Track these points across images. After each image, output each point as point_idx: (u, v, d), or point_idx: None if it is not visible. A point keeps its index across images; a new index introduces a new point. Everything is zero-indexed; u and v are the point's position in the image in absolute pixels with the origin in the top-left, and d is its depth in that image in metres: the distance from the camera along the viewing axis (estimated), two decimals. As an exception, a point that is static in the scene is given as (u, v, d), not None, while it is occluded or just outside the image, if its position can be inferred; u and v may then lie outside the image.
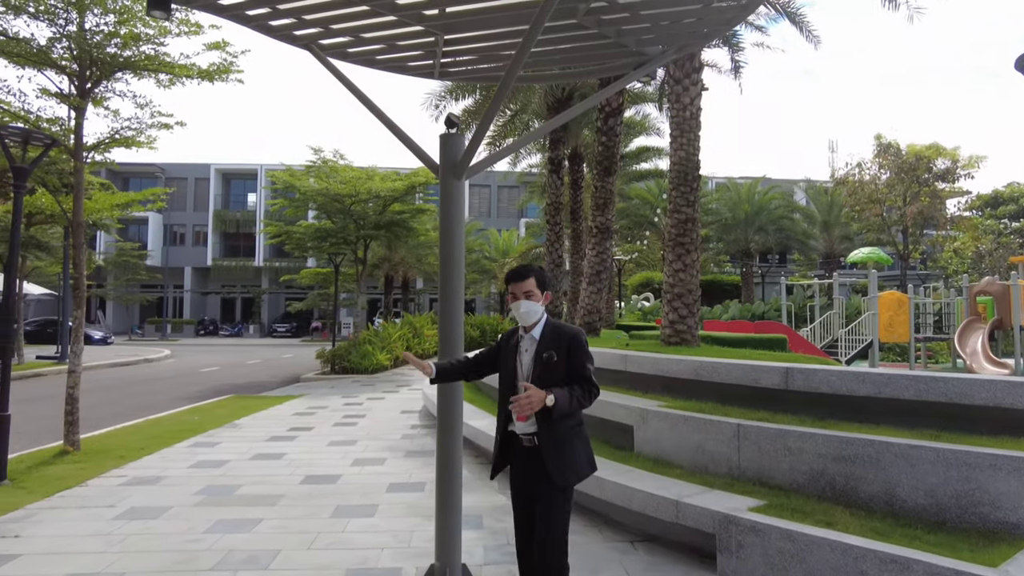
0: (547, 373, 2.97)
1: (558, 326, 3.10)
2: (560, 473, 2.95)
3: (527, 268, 3.16)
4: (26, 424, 10.16)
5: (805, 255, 39.29)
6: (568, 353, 2.99)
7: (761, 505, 4.30)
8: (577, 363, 2.99)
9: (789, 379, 5.24)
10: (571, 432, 3.02)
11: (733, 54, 10.58)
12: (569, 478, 2.98)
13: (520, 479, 3.10)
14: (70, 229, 11.62)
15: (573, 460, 3.00)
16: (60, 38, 8.00)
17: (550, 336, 3.06)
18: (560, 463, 2.95)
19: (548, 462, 2.95)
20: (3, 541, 4.84)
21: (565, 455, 2.97)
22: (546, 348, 3.01)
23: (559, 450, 2.96)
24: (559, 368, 2.97)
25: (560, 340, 3.02)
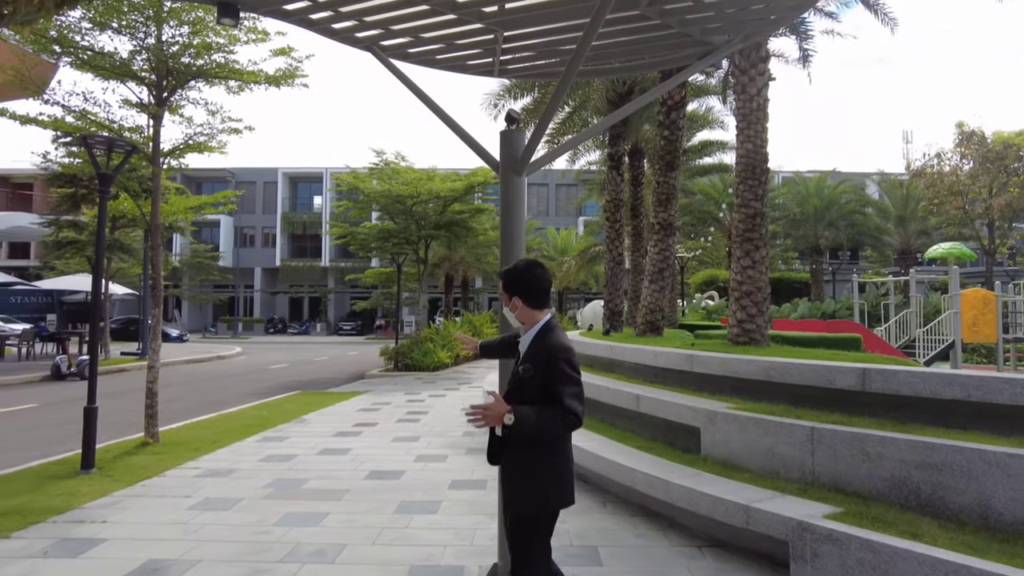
0: (520, 389, 2.69)
1: (543, 339, 2.71)
2: (511, 498, 2.70)
3: (506, 268, 2.86)
4: (112, 416, 10.73)
5: (878, 251, 37.50)
6: (545, 371, 2.61)
7: (838, 512, 4.08)
8: (552, 385, 2.59)
9: (867, 380, 4.97)
10: (536, 459, 2.67)
11: (801, 42, 10.15)
12: (519, 507, 2.69)
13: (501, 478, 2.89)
14: (149, 232, 12.22)
15: (530, 490, 2.68)
16: (140, 51, 8.41)
17: (533, 349, 2.71)
18: (512, 488, 2.70)
19: (502, 484, 2.76)
20: (93, 526, 5.11)
21: (521, 482, 2.69)
22: (525, 361, 2.71)
23: (515, 475, 2.71)
24: (533, 386, 2.63)
25: (539, 355, 2.66)
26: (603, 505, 5.65)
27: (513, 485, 2.73)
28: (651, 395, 6.38)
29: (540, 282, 2.82)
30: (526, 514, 2.73)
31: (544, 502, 2.72)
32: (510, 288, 2.82)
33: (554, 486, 2.71)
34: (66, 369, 16.62)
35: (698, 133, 22.32)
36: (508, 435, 2.66)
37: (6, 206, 46.33)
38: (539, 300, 2.81)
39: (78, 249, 22.91)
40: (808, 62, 10.21)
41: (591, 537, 4.83)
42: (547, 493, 2.71)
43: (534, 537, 2.76)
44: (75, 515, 5.37)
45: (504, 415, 2.50)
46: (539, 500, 2.71)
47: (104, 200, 7.57)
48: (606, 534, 4.92)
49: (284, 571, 4.22)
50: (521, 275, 2.83)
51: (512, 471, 2.74)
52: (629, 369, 7.94)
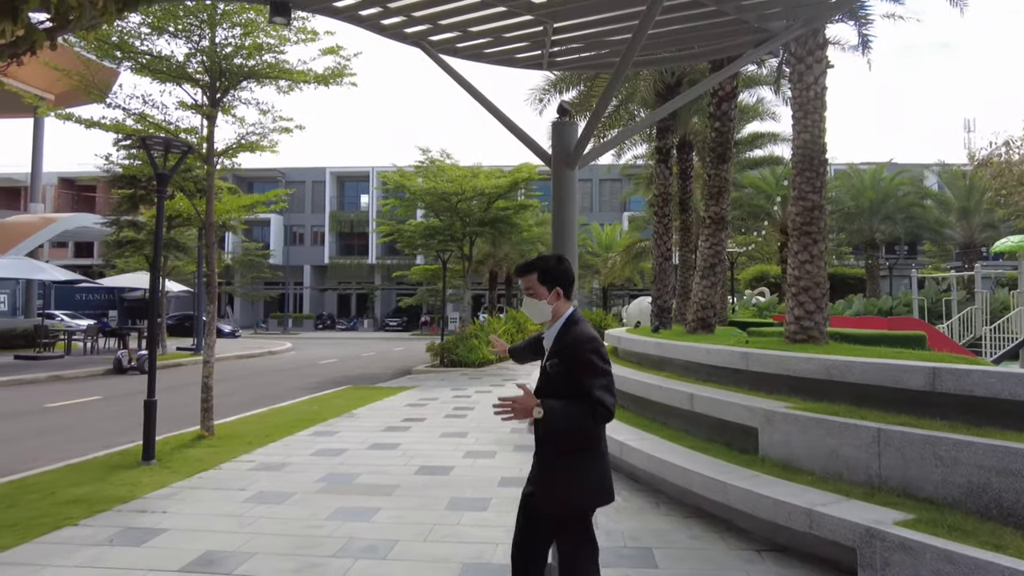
0: (550, 385, 2.65)
1: (568, 331, 2.67)
2: (545, 497, 2.62)
3: (533, 261, 2.80)
4: (169, 409, 11.07)
5: (939, 245, 35.94)
6: (573, 364, 2.56)
7: (909, 519, 3.87)
8: (581, 377, 2.52)
9: (937, 380, 4.71)
10: (573, 453, 2.61)
11: (860, 28, 9.73)
12: (554, 506, 2.61)
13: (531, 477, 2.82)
14: (204, 230, 12.56)
15: (566, 487, 2.59)
16: (194, 53, 8.62)
17: (559, 343, 2.67)
18: (547, 486, 2.63)
19: (537, 481, 2.67)
20: (154, 516, 5.26)
21: (556, 480, 2.60)
22: (552, 356, 2.66)
23: (550, 472, 2.63)
24: (563, 381, 2.59)
25: (566, 349, 2.61)
26: (656, 506, 5.52)
27: (547, 483, 2.66)
28: (706, 394, 6.21)
29: (572, 274, 2.88)
30: (556, 513, 2.66)
31: (595, 496, 2.65)
32: (549, 279, 2.77)
33: (594, 483, 2.64)
34: (127, 363, 17.26)
35: (747, 125, 21.76)
36: (540, 433, 2.61)
37: (72, 207, 48.51)
38: (570, 292, 2.85)
39: (137, 248, 23.80)
40: (868, 49, 9.78)
41: (645, 538, 4.72)
42: (595, 489, 2.64)
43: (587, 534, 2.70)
44: (137, 505, 5.53)
45: (533, 408, 2.44)
46: (581, 496, 2.63)
47: (162, 199, 7.79)
48: (660, 535, 4.80)
49: (337, 566, 4.24)
50: (557, 267, 2.82)
51: (543, 467, 2.67)
52: (680, 367, 7.76)
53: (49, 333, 21.69)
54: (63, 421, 10.25)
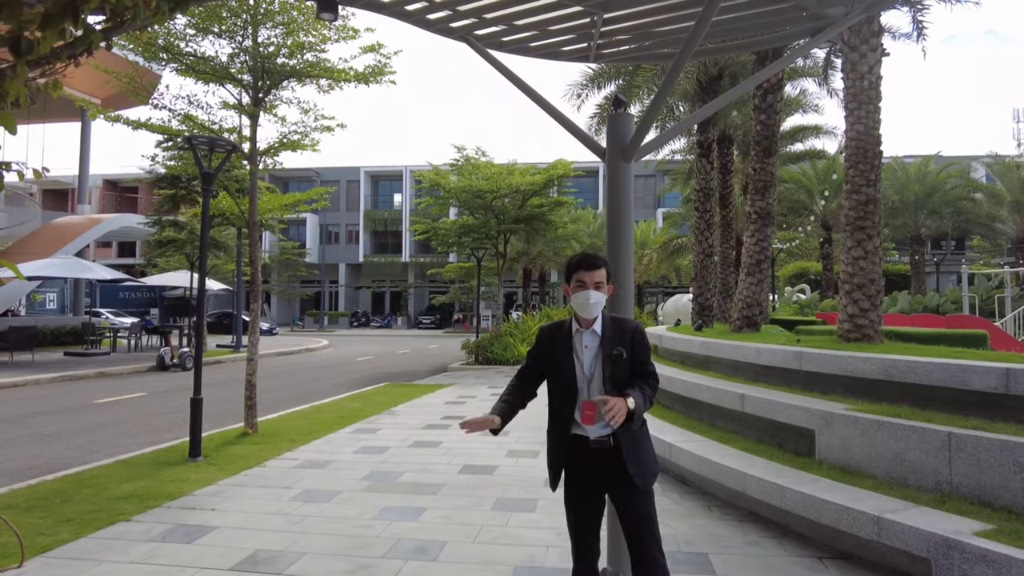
0: (617, 371, 2.80)
1: (617, 319, 2.94)
2: (641, 476, 2.82)
3: (599, 257, 2.93)
4: (212, 405, 11.22)
5: (990, 240, 34.62)
6: (632, 348, 2.83)
7: (989, 530, 3.66)
8: (641, 358, 2.84)
9: (1010, 382, 4.47)
10: (643, 433, 2.90)
11: (915, 13, 9.36)
12: (648, 479, 2.86)
13: (590, 482, 2.89)
14: (245, 229, 12.71)
15: (649, 461, 2.88)
16: (237, 53, 8.70)
17: (612, 331, 2.86)
18: (640, 467, 2.83)
19: (631, 467, 2.78)
20: (203, 512, 5.29)
21: (643, 457, 2.86)
22: (612, 345, 2.81)
23: (637, 454, 2.83)
24: (625, 365, 2.81)
25: (624, 335, 2.85)
26: (708, 509, 5.37)
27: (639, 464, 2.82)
28: (758, 395, 6.02)
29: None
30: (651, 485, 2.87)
31: (656, 463, 2.95)
32: (610, 277, 2.96)
33: (654, 452, 2.96)
34: (169, 360, 17.63)
35: (789, 118, 21.24)
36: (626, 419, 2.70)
37: (115, 208, 49.87)
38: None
39: (178, 247, 24.28)
40: (922, 36, 9.40)
41: (700, 543, 4.58)
42: (655, 457, 2.95)
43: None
44: (186, 501, 5.58)
45: (627, 404, 2.60)
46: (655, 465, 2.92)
47: (207, 197, 7.88)
48: (716, 540, 4.65)
49: (388, 567, 4.20)
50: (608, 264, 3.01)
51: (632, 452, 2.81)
52: (727, 367, 7.57)
53: (96, 331, 22.30)
54: (112, 417, 10.48)
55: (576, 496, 2.94)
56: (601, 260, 2.90)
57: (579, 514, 2.94)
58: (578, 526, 2.95)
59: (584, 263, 2.86)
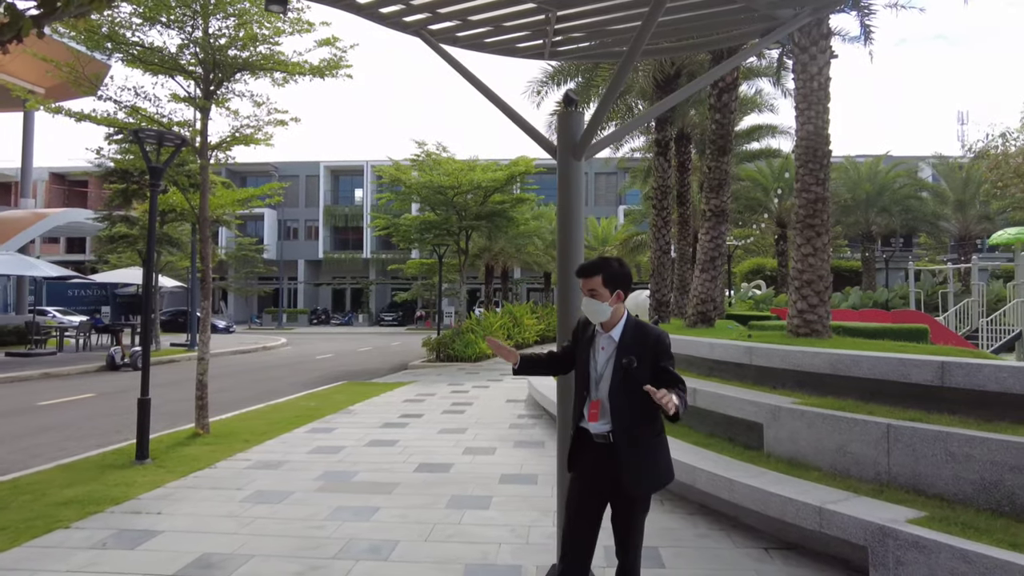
0: (629, 380, 2.76)
1: (641, 328, 2.87)
2: (636, 481, 2.77)
3: (595, 264, 2.90)
4: (163, 406, 10.95)
5: (935, 238, 35.99)
6: (654, 358, 2.77)
7: (922, 517, 3.80)
8: (663, 366, 2.77)
9: (946, 375, 4.64)
10: (653, 439, 2.84)
11: (863, 18, 9.63)
12: (644, 487, 2.82)
13: (591, 478, 2.89)
14: (197, 225, 12.40)
15: (652, 469, 2.82)
16: (187, 44, 8.45)
17: (631, 339, 2.82)
18: (637, 471, 2.77)
19: (625, 468, 2.76)
20: (149, 517, 5.15)
21: (644, 462, 2.79)
22: (626, 353, 2.79)
23: (638, 456, 2.79)
24: (640, 374, 2.74)
25: (644, 345, 2.79)
26: (660, 503, 5.44)
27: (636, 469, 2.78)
28: (709, 389, 6.14)
29: (630, 276, 3.01)
30: (646, 494, 2.86)
31: (668, 474, 2.89)
32: (613, 283, 2.87)
33: (667, 462, 2.89)
34: (120, 360, 17.09)
35: (746, 117, 21.66)
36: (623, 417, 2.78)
37: (63, 203, 48.11)
38: (628, 292, 2.97)
39: (130, 243, 23.55)
40: (870, 40, 9.67)
41: (651, 537, 4.60)
42: (668, 468, 2.89)
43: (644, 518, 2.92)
44: (132, 506, 5.42)
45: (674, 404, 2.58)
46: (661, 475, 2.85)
47: (155, 193, 7.65)
48: (667, 534, 4.73)
49: (339, 568, 4.15)
50: (620, 270, 2.93)
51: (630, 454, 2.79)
52: (682, 361, 7.68)
53: (41, 330, 21.47)
54: (56, 419, 10.11)
55: (576, 492, 2.94)
56: (594, 267, 2.89)
57: (575, 511, 2.91)
58: (571, 524, 2.91)
59: (580, 271, 2.94)
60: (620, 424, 2.78)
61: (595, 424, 2.84)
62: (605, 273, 2.86)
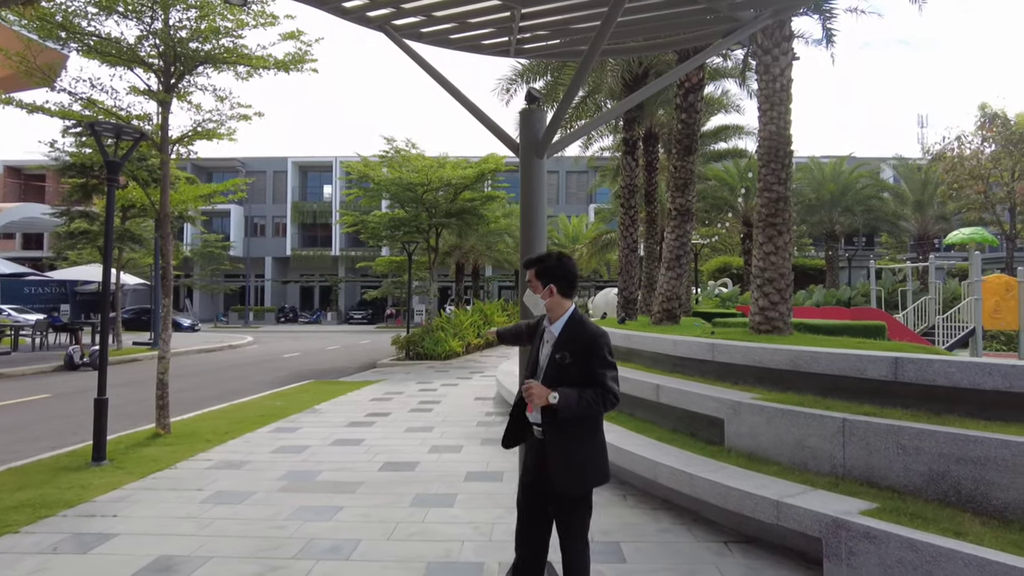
0: (559, 375, 2.80)
1: (579, 327, 2.87)
2: (562, 479, 2.78)
3: (535, 257, 2.97)
4: (124, 407, 10.70)
5: (895, 237, 36.97)
6: (585, 358, 2.78)
7: (873, 508, 3.90)
8: (594, 370, 2.76)
9: (899, 370, 4.77)
10: (581, 438, 2.82)
11: (825, 21, 9.83)
12: (571, 487, 2.81)
13: (531, 465, 2.96)
14: (159, 221, 12.12)
15: (580, 468, 2.80)
16: (147, 36, 8.25)
17: (568, 336, 2.86)
18: (563, 470, 2.78)
19: (552, 466, 2.78)
20: (104, 520, 5.02)
21: (572, 462, 2.78)
22: (561, 348, 2.83)
23: (565, 456, 2.79)
24: (573, 371, 2.78)
25: (578, 342, 2.81)
26: (624, 498, 5.50)
27: (563, 467, 2.79)
28: (672, 385, 6.21)
29: (572, 272, 2.97)
30: (572, 493, 2.83)
31: (601, 476, 2.88)
32: (545, 277, 2.91)
33: (600, 463, 2.87)
34: (79, 359, 16.64)
35: (713, 117, 21.96)
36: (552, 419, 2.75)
37: (19, 197, 46.61)
38: (570, 289, 2.95)
39: (90, 239, 22.91)
40: (831, 42, 9.88)
41: (614, 532, 4.68)
42: (600, 469, 2.87)
43: (588, 516, 2.91)
44: (86, 509, 5.28)
45: (548, 395, 2.64)
46: (590, 476, 2.84)
47: (112, 189, 7.45)
48: (629, 529, 4.77)
49: (299, 568, 4.10)
50: (556, 265, 2.93)
51: (558, 452, 2.80)
52: (647, 358, 7.77)
53: (-5, 328, 20.78)
54: (8, 421, 9.80)
55: (522, 485, 3.00)
56: (532, 260, 2.97)
57: (523, 505, 2.98)
58: (521, 518, 2.98)
59: (523, 264, 3.04)
60: (549, 418, 2.79)
61: (531, 415, 2.87)
62: (539, 267, 2.93)
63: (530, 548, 2.98)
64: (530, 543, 2.97)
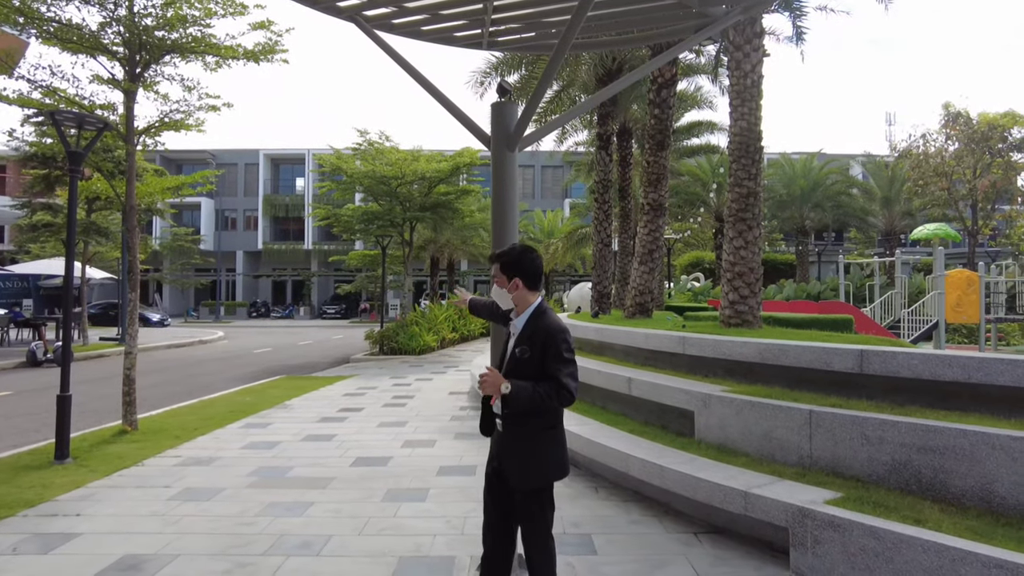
0: (517, 369, 2.81)
1: (539, 322, 2.85)
2: (517, 473, 2.80)
3: (502, 251, 2.98)
4: (91, 403, 10.48)
5: (863, 233, 37.72)
6: (542, 353, 2.77)
7: (838, 498, 3.99)
8: (549, 364, 2.74)
9: (864, 362, 4.86)
10: (538, 432, 2.82)
11: (795, 19, 9.96)
12: (528, 481, 2.81)
13: (494, 454, 2.99)
14: (125, 213, 11.83)
15: (536, 462, 2.81)
16: (110, 23, 8.03)
17: (528, 331, 2.86)
18: (518, 463, 2.81)
19: (508, 460, 2.81)
20: (66, 519, 4.90)
21: (527, 456, 2.80)
22: (521, 343, 2.84)
23: (520, 449, 2.81)
24: (531, 366, 2.78)
25: (535, 338, 2.81)
26: (595, 491, 5.54)
27: (518, 460, 2.82)
28: (643, 378, 6.26)
29: (536, 265, 2.97)
30: (529, 487, 2.83)
31: (558, 470, 2.87)
32: (509, 270, 2.91)
33: (557, 457, 2.87)
34: (42, 355, 16.23)
35: (686, 113, 22.14)
36: (507, 410, 2.76)
37: (-22, 188, 45.18)
38: (535, 283, 2.96)
39: (53, 232, 22.35)
40: (802, 40, 10.02)
41: (586, 524, 4.71)
42: (557, 463, 2.86)
43: (550, 510, 2.90)
44: (47, 508, 5.16)
45: (501, 384, 2.63)
46: (546, 469, 2.84)
47: (75, 179, 7.26)
48: (600, 521, 4.80)
49: (268, 564, 4.05)
50: (520, 258, 2.94)
51: (513, 445, 2.83)
52: (620, 352, 7.82)
53: (-47, 324, 20.17)
54: (-32, 418, 9.52)
55: (487, 474, 3.01)
56: (498, 254, 2.99)
57: (488, 499, 2.99)
58: (486, 507, 3.00)
59: (490, 258, 3.05)
60: (507, 411, 2.80)
61: (495, 406, 2.87)
62: (503, 260, 2.94)
63: (496, 538, 2.99)
64: (496, 533, 2.99)
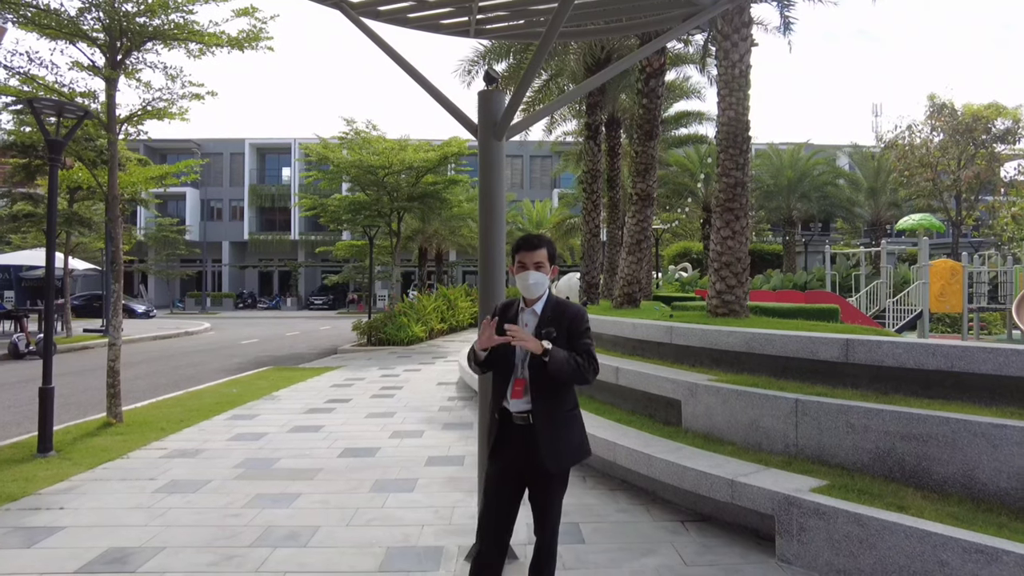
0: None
1: (560, 303, 2.95)
2: (554, 457, 2.82)
3: (539, 238, 3.00)
4: (75, 395, 10.37)
5: (850, 223, 37.97)
6: (569, 332, 2.84)
7: (823, 486, 4.02)
8: (577, 339, 2.84)
9: (849, 351, 4.90)
10: (568, 415, 2.91)
11: (783, 9, 9.95)
12: (563, 462, 2.87)
13: (509, 459, 2.90)
14: (108, 203, 11.67)
15: (569, 444, 2.88)
16: (89, 8, 7.87)
17: (551, 313, 2.90)
18: (555, 447, 2.83)
19: (543, 445, 2.80)
20: (49, 513, 4.85)
21: (561, 439, 2.85)
22: (546, 325, 2.86)
23: (555, 433, 2.84)
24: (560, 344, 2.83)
25: (562, 319, 2.87)
26: (583, 480, 5.56)
27: (555, 444, 2.82)
28: (631, 367, 6.28)
29: None
30: (565, 469, 2.88)
31: (584, 451, 2.94)
32: (552, 257, 2.99)
33: (581, 438, 2.94)
34: (24, 348, 16.03)
35: (675, 104, 22.12)
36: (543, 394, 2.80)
37: (-42, 178, 44.42)
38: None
39: (35, 222, 22.03)
40: (789, 30, 10.01)
41: (572, 513, 4.72)
42: (582, 444, 2.94)
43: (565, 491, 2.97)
44: (30, 502, 5.10)
45: (542, 343, 2.69)
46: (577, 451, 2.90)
47: (55, 169, 7.14)
48: (588, 510, 4.82)
49: (255, 556, 4.03)
50: (555, 249, 3.05)
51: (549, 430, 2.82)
52: (608, 342, 7.83)
53: (-67, 316, 19.87)
54: (-51, 411, 9.40)
55: (496, 472, 2.94)
56: (541, 240, 2.97)
57: (495, 492, 2.93)
58: (490, 504, 2.93)
59: (524, 244, 2.96)
60: (539, 401, 2.82)
61: (517, 402, 2.85)
62: (550, 247, 2.99)
63: (498, 534, 2.94)
64: (499, 529, 2.94)
